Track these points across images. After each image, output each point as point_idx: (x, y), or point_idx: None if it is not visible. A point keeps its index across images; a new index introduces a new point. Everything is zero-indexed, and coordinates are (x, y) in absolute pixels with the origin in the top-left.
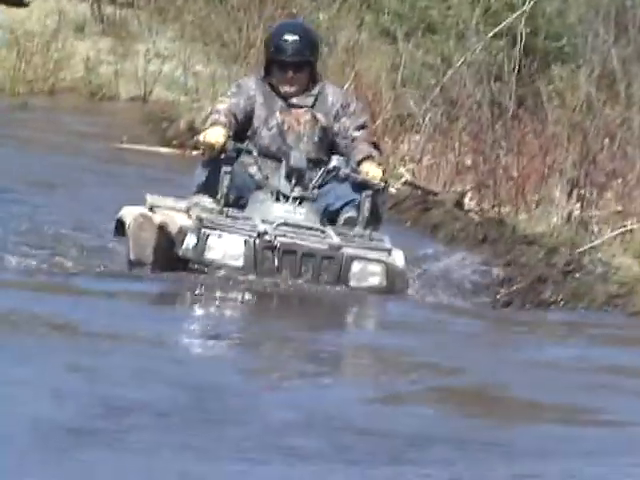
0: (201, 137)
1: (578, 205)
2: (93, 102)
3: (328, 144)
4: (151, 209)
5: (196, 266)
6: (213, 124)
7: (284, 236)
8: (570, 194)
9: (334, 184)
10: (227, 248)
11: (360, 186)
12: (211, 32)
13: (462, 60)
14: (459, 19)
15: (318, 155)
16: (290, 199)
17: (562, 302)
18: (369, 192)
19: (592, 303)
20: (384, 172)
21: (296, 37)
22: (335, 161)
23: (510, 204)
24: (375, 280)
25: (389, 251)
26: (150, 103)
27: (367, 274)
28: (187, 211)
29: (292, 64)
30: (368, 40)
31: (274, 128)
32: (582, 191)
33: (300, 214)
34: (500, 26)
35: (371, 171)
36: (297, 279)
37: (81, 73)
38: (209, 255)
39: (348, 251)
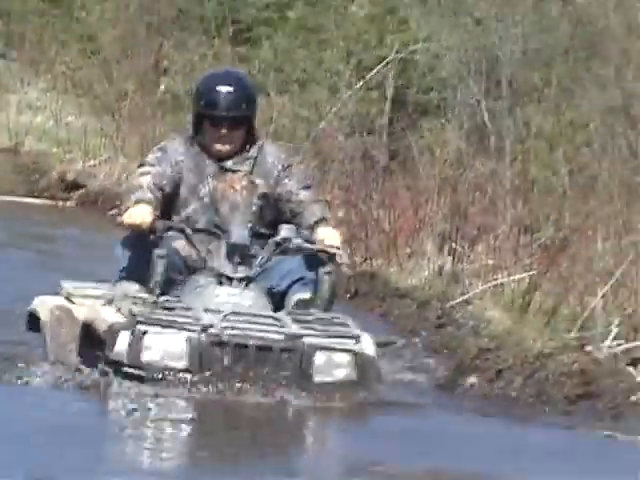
0: (125, 217)
1: (449, 258)
2: None
3: (270, 213)
4: (68, 299)
5: (131, 370)
6: (137, 202)
7: (233, 328)
8: (441, 247)
9: (277, 260)
10: (167, 347)
11: (314, 258)
12: (83, 84)
13: (333, 111)
14: (332, 72)
15: (258, 226)
16: (234, 281)
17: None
18: (328, 268)
19: (465, 356)
20: (341, 238)
21: (230, 88)
22: (284, 231)
23: (382, 257)
24: (342, 373)
25: (357, 337)
26: (21, 154)
27: (333, 366)
28: (113, 303)
29: (226, 120)
30: None
31: (205, 197)
32: (453, 244)
33: (248, 298)
34: (369, 76)
35: (328, 236)
36: (251, 379)
37: None
38: (146, 357)
39: (309, 340)
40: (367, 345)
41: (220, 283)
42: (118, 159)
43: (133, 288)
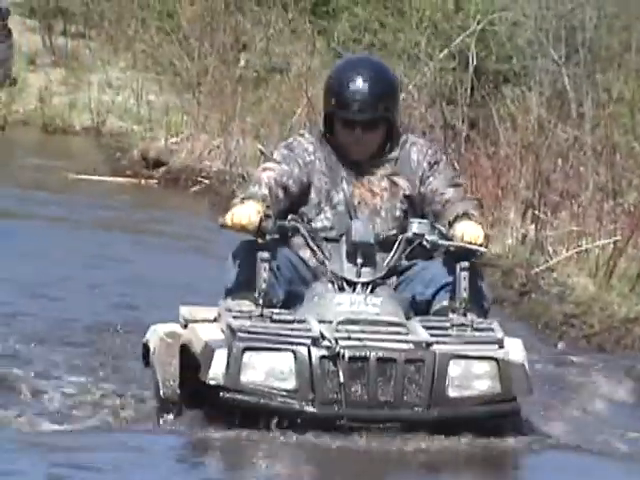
0: (227, 218)
1: (533, 226)
2: (47, 134)
3: (413, 216)
4: (186, 326)
5: (229, 395)
6: (247, 198)
7: (349, 338)
8: (524, 215)
9: (421, 265)
10: (271, 365)
11: (455, 256)
12: (163, 61)
13: (413, 82)
14: (411, 42)
15: (401, 233)
16: (358, 287)
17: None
18: (465, 263)
19: (550, 323)
20: (485, 233)
21: (365, 86)
22: (415, 227)
23: None
24: (484, 385)
25: (500, 342)
26: (103, 133)
27: (471, 377)
28: (216, 320)
29: (361, 122)
30: (320, 66)
31: (340, 205)
32: (536, 212)
33: (374, 305)
34: (450, 47)
35: (468, 231)
36: (373, 398)
37: (34, 105)
38: (246, 378)
39: (441, 348)
40: (513, 350)
41: (341, 289)
42: (199, 136)
43: (239, 303)
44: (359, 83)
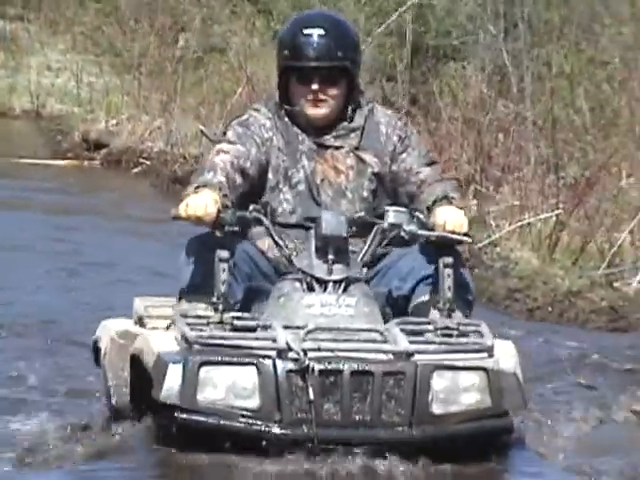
0: (181, 209)
1: (475, 201)
2: None
3: (384, 199)
4: (140, 322)
5: (185, 416)
6: (201, 186)
7: (319, 349)
8: (466, 190)
9: (397, 254)
10: (232, 381)
11: (436, 247)
12: (102, 43)
13: None
14: (349, 19)
15: (370, 216)
16: (330, 285)
17: None
18: (449, 259)
19: (493, 297)
20: (468, 219)
21: (321, 31)
22: (392, 216)
23: None
24: (472, 399)
25: (489, 349)
26: (43, 116)
27: (458, 391)
28: (170, 326)
29: (317, 72)
30: (260, 46)
31: (300, 184)
32: (478, 187)
33: (348, 306)
34: (387, 22)
35: (450, 219)
36: (348, 416)
37: None
38: (204, 396)
39: (424, 358)
40: (505, 358)
41: (311, 289)
42: (140, 117)
43: (195, 306)
44: (314, 30)
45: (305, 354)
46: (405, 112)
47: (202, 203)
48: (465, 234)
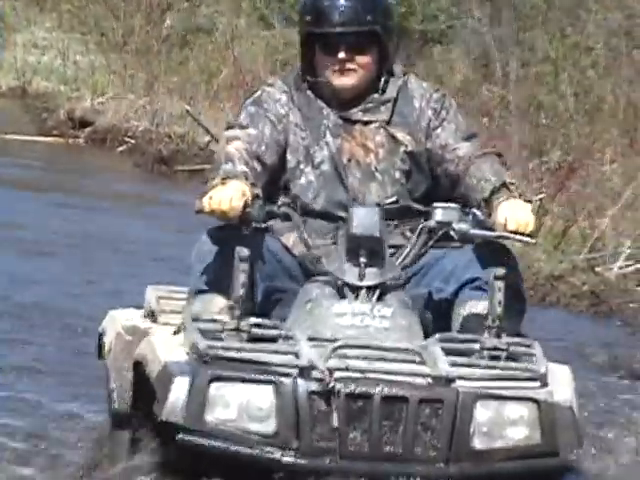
0: (205, 202)
1: None
2: None
3: (421, 182)
4: (152, 316)
5: (190, 437)
6: (225, 178)
7: (346, 369)
8: None
9: (439, 253)
10: (245, 401)
11: (494, 248)
12: (89, 21)
13: None
14: None
15: (404, 201)
16: (362, 292)
17: None
18: (501, 271)
19: None
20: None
21: None
22: (440, 214)
23: None
24: (520, 434)
25: (542, 377)
26: (29, 94)
27: (504, 424)
28: (179, 331)
29: (344, 39)
30: (246, 26)
31: (324, 164)
32: None
33: (382, 317)
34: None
35: (513, 216)
36: (376, 448)
37: None
38: (213, 416)
39: (466, 385)
40: (560, 388)
41: (342, 295)
42: (126, 95)
43: (209, 307)
44: None
45: (331, 374)
46: None
47: (227, 196)
48: (529, 234)
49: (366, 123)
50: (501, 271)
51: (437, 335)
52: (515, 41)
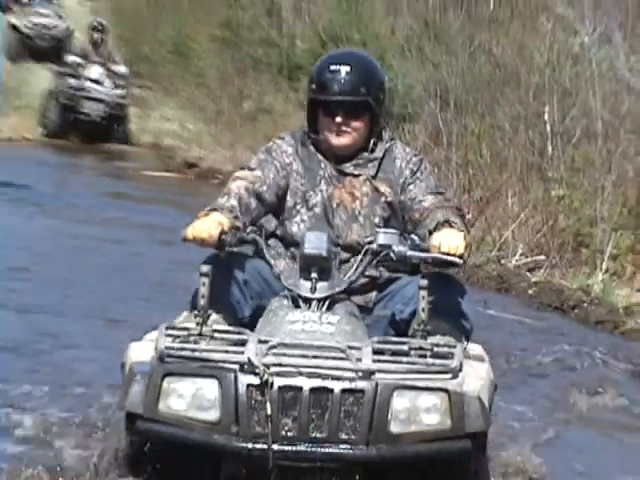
0: (188, 231)
1: None
2: (133, 147)
3: (395, 225)
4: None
5: (146, 425)
6: (212, 210)
7: (279, 365)
8: None
9: (406, 280)
10: (194, 393)
11: (443, 279)
12: (197, 104)
13: None
14: None
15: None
16: (314, 303)
17: None
18: (424, 281)
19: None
20: (466, 243)
21: (347, 67)
22: (382, 237)
23: None
24: (432, 419)
25: (454, 371)
26: (160, 147)
27: (418, 411)
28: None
29: (341, 106)
30: (293, 110)
31: (317, 206)
32: None
33: (329, 324)
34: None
35: (445, 240)
36: (304, 433)
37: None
38: (166, 406)
39: (385, 378)
40: (472, 380)
41: (297, 306)
42: (218, 149)
43: (190, 320)
44: (340, 66)
45: (267, 369)
46: None
47: (206, 227)
48: (460, 255)
49: (356, 176)
50: (424, 282)
51: (374, 338)
52: (455, 122)
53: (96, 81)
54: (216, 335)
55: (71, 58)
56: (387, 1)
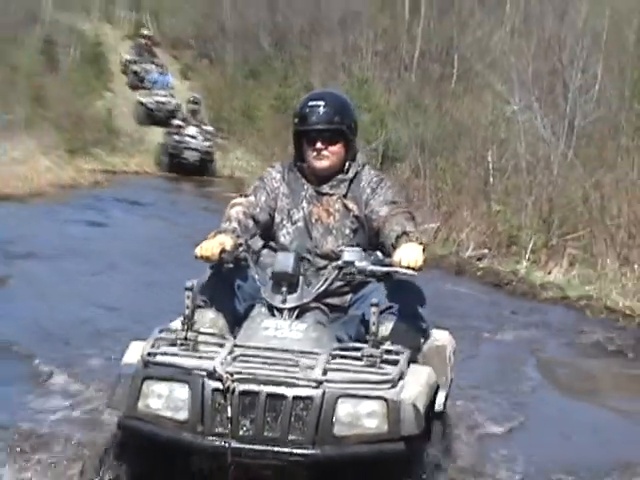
0: (197, 250)
1: None
2: (217, 178)
3: (364, 237)
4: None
5: (126, 421)
6: (218, 232)
7: (240, 372)
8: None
9: (376, 285)
10: (169, 395)
11: (401, 283)
12: (258, 149)
13: None
14: None
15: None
16: (285, 312)
17: None
18: (375, 300)
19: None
20: (424, 256)
21: (322, 102)
22: (346, 255)
23: None
24: (371, 424)
25: (393, 381)
26: (234, 178)
27: (359, 416)
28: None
29: (319, 134)
30: None
31: (299, 221)
32: None
33: (298, 331)
34: (371, 146)
35: (406, 256)
36: (260, 433)
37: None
38: (144, 405)
39: (331, 387)
40: (410, 388)
41: (272, 314)
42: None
43: (209, 314)
44: (317, 101)
45: (231, 375)
46: None
47: (210, 246)
48: (419, 268)
49: (330, 195)
50: (375, 300)
51: (335, 345)
52: (430, 162)
53: (192, 136)
54: (200, 339)
55: (176, 122)
56: (384, 82)
